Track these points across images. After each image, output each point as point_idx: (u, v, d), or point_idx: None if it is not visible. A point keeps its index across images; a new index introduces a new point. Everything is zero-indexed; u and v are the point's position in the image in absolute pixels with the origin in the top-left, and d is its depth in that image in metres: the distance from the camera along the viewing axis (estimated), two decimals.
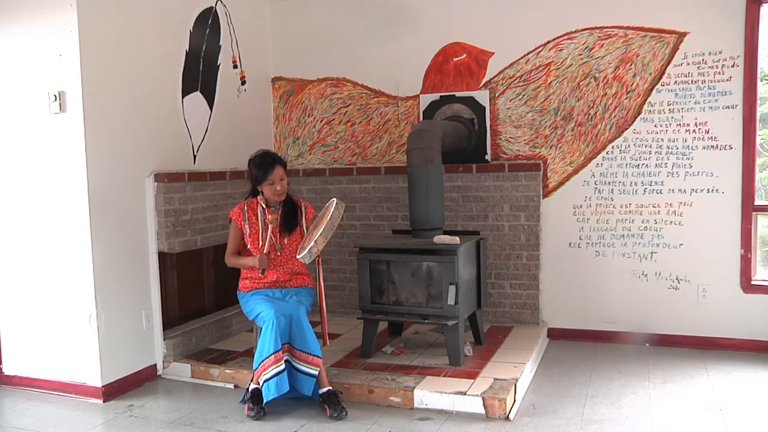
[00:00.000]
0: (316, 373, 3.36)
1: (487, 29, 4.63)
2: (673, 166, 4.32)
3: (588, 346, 4.45)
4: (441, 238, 3.86)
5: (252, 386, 3.43)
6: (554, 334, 4.62)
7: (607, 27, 4.37)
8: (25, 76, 3.68)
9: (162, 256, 4.07)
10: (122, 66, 3.78)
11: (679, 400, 3.47)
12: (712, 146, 4.22)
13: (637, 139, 4.38)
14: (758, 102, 4.13)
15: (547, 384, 3.77)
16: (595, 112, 4.44)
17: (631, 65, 4.34)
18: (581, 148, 4.50)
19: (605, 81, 4.40)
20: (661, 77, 4.29)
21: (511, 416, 3.29)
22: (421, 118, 4.80)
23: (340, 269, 5.13)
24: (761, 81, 4.18)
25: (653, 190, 4.37)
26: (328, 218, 3.34)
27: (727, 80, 4.15)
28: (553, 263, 4.61)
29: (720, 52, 4.15)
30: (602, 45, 4.38)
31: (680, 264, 4.34)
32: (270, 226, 3.56)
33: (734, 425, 3.14)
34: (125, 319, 3.83)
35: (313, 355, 3.36)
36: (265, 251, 3.53)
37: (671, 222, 4.35)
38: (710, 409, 3.35)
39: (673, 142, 4.30)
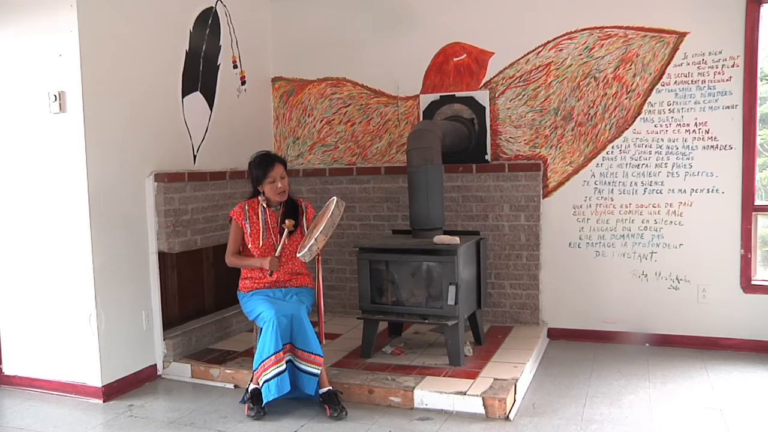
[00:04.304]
0: (319, 372, 3.37)
1: (487, 29, 4.63)
2: (673, 166, 4.32)
3: (588, 346, 4.45)
4: (441, 238, 3.86)
5: (252, 386, 3.43)
6: (554, 334, 4.62)
7: (607, 27, 4.37)
8: (25, 76, 3.68)
9: (162, 256, 4.07)
10: (122, 66, 3.78)
11: (679, 400, 3.47)
12: (712, 146, 4.22)
13: (637, 139, 4.38)
14: (758, 102, 4.13)
15: (547, 384, 3.77)
16: (595, 112, 4.44)
17: (631, 65, 4.34)
18: (581, 148, 4.50)
19: (605, 81, 4.40)
20: (661, 77, 4.29)
21: (511, 416, 3.29)
22: (421, 118, 4.80)
23: (340, 269, 5.13)
24: (761, 81, 4.18)
25: (653, 190, 4.37)
26: (329, 216, 3.35)
27: (727, 80, 4.15)
28: (553, 263, 4.61)
29: (720, 52, 4.15)
30: (602, 45, 4.39)
31: (680, 264, 4.34)
32: (286, 231, 3.53)
33: (734, 425, 3.14)
34: (125, 319, 3.83)
35: (316, 354, 3.36)
36: (277, 254, 3.52)
37: (671, 222, 4.35)
38: (710, 409, 3.35)
39: (673, 142, 4.30)
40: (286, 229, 3.52)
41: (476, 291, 4.13)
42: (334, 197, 3.47)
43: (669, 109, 4.29)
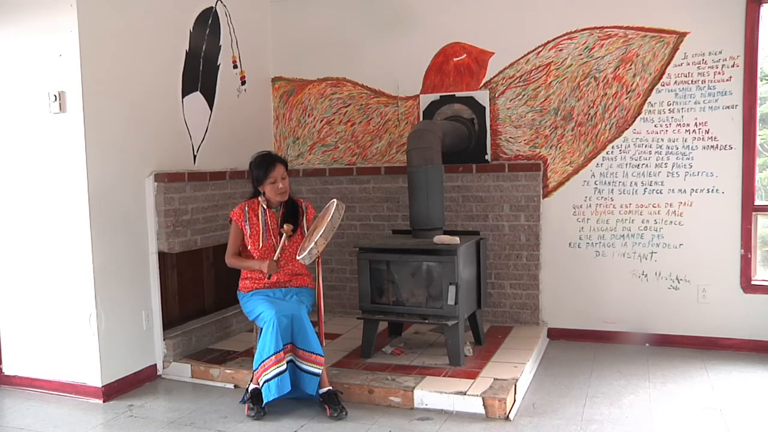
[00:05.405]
0: (320, 371, 3.36)
1: (487, 29, 4.63)
2: (673, 166, 4.32)
3: (588, 346, 4.45)
4: (441, 238, 3.86)
5: (252, 386, 3.43)
6: (554, 334, 4.62)
7: (607, 27, 4.37)
8: (25, 76, 3.68)
9: (162, 256, 4.07)
10: (122, 66, 3.78)
11: (679, 400, 3.47)
12: (712, 146, 4.22)
13: (637, 139, 4.38)
14: (758, 102, 4.13)
15: (547, 384, 3.77)
16: (595, 112, 4.44)
17: (631, 65, 4.34)
18: (581, 148, 4.50)
19: (605, 81, 4.40)
20: (661, 77, 4.29)
21: (511, 416, 3.29)
22: (421, 118, 4.80)
23: (340, 269, 5.13)
24: (761, 81, 4.18)
25: (653, 190, 4.37)
26: (329, 219, 3.35)
27: (727, 80, 4.15)
28: (553, 263, 4.61)
29: (720, 52, 4.15)
30: (602, 45, 4.39)
31: (680, 264, 4.34)
32: (284, 235, 3.52)
33: (734, 425, 3.14)
34: (125, 319, 3.83)
35: (317, 354, 3.36)
36: (275, 258, 3.52)
37: (671, 222, 4.35)
38: (710, 409, 3.35)
39: (673, 142, 4.30)
40: (284, 234, 3.52)
41: (476, 291, 4.13)
42: (335, 200, 3.47)
43: (669, 109, 4.30)
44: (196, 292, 4.59)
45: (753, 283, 4.21)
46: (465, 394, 3.37)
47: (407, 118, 4.89)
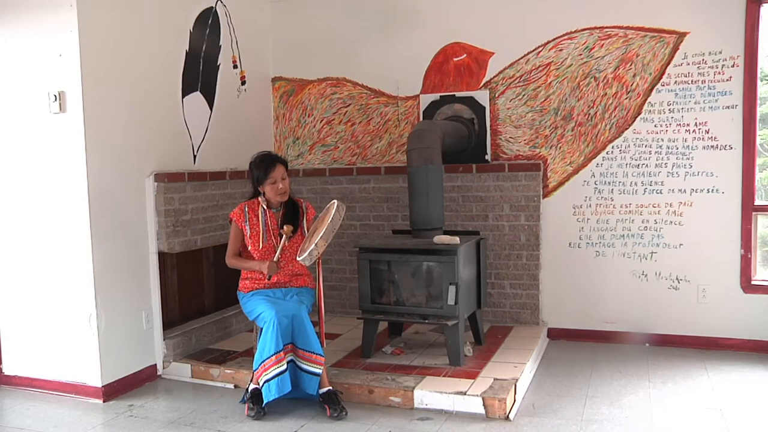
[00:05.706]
0: (320, 371, 3.36)
1: (487, 29, 4.63)
2: (673, 166, 4.32)
3: (588, 346, 4.45)
4: (441, 238, 3.86)
5: (252, 386, 3.44)
6: (554, 334, 4.62)
7: (607, 27, 4.37)
8: (25, 76, 3.68)
9: (162, 256, 4.07)
10: (122, 66, 3.78)
11: (679, 400, 3.47)
12: (712, 146, 4.22)
13: (637, 139, 4.38)
14: (758, 102, 4.13)
15: (547, 384, 3.77)
16: (595, 112, 4.44)
17: (631, 65, 4.34)
18: (581, 148, 4.50)
19: (605, 81, 4.40)
20: (661, 77, 4.29)
21: (511, 416, 3.29)
22: (421, 118, 4.80)
23: (340, 269, 5.13)
24: (761, 81, 4.18)
25: (653, 190, 4.37)
26: (329, 221, 3.34)
27: (727, 80, 4.15)
28: (553, 263, 4.61)
29: (720, 52, 4.15)
30: (602, 45, 4.39)
31: (680, 264, 4.34)
32: (284, 236, 3.52)
33: (734, 425, 3.14)
34: (125, 319, 3.83)
35: (317, 354, 3.36)
36: (275, 259, 3.52)
37: (671, 222, 4.35)
38: (710, 409, 3.35)
39: (673, 142, 4.30)
40: (284, 235, 3.52)
41: (476, 291, 4.13)
42: (335, 201, 3.46)
43: (669, 109, 4.30)
44: (196, 292, 4.59)
45: (753, 283, 4.21)
46: (465, 394, 3.37)
47: (407, 118, 4.89)
